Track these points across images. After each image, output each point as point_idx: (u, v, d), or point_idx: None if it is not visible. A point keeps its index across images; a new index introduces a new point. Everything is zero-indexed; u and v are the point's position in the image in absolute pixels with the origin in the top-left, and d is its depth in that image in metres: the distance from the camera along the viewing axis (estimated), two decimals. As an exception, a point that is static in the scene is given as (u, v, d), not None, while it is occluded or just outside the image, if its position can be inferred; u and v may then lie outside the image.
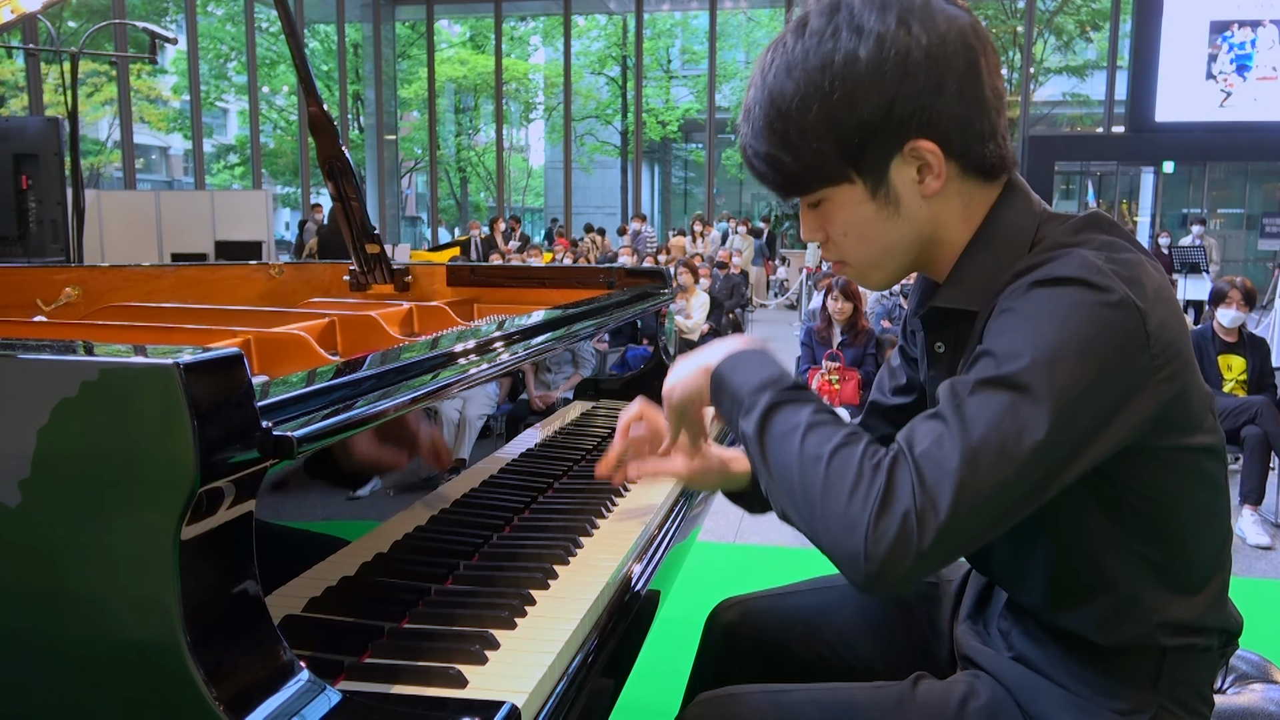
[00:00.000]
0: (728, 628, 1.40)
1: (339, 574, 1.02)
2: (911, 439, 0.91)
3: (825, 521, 0.89)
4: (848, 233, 1.07)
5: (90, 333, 1.67)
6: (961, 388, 0.91)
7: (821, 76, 0.98)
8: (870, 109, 0.97)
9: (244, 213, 12.49)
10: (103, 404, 0.76)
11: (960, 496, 0.86)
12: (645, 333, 2.22)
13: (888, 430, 1.34)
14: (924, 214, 1.04)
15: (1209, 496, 1.04)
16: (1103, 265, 0.93)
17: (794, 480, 0.93)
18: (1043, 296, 0.92)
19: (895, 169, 1.01)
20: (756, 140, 1.04)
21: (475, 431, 1.36)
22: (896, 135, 0.99)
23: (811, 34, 1.00)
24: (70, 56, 5.72)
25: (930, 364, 1.15)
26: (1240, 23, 16.70)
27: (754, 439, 0.98)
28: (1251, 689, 1.23)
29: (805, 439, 0.94)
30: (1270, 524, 4.32)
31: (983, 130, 1.01)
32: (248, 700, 0.77)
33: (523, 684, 0.93)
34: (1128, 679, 1.04)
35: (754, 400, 0.99)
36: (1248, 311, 4.63)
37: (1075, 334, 0.89)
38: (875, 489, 0.87)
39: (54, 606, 0.78)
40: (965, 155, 1.01)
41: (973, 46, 0.99)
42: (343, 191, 2.18)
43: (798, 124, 1.00)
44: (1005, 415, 0.88)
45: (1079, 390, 0.89)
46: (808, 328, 5.29)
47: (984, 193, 1.05)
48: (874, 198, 1.03)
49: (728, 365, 1.06)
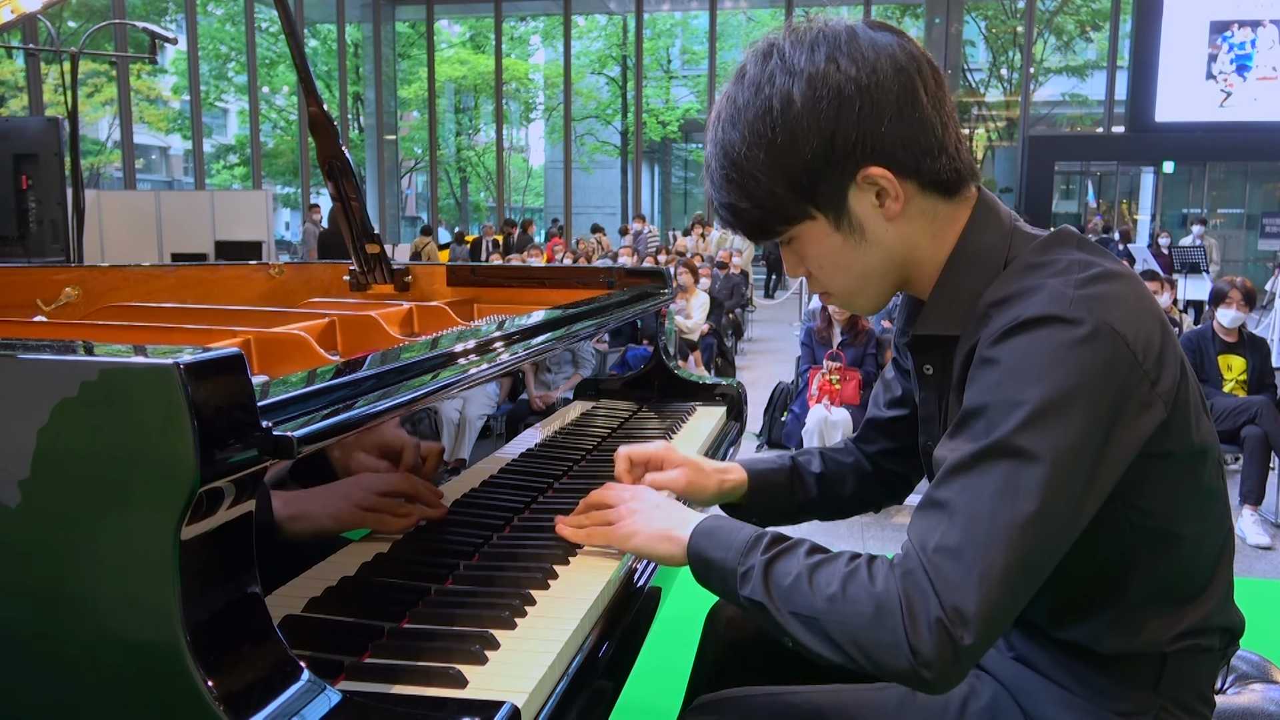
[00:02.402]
0: (728, 627, 1.40)
1: (339, 574, 1.02)
2: (923, 538, 0.92)
3: (869, 653, 0.92)
4: (823, 265, 1.09)
5: (90, 333, 1.67)
6: (958, 467, 0.92)
7: (763, 124, 1.00)
8: (812, 148, 0.99)
9: (244, 213, 12.49)
10: (103, 404, 0.76)
11: (985, 583, 0.88)
12: (645, 333, 2.22)
13: (886, 444, 1.35)
14: (891, 237, 1.05)
15: (1208, 503, 1.04)
16: (1073, 294, 0.93)
17: (820, 625, 0.95)
18: (1019, 345, 0.93)
19: (853, 198, 1.03)
20: (717, 192, 1.07)
21: (475, 431, 1.36)
22: (845, 167, 1.00)
23: (749, 83, 1.02)
24: (70, 56, 5.72)
25: (920, 385, 1.16)
26: (1240, 23, 16.71)
27: (766, 602, 0.99)
28: (1251, 689, 1.23)
29: (813, 583, 0.96)
30: (1270, 524, 4.32)
31: (930, 146, 1.02)
32: (248, 700, 0.77)
33: (523, 684, 0.93)
34: (1129, 680, 1.04)
35: (746, 566, 1.01)
36: (1248, 311, 4.63)
37: (1059, 382, 0.90)
38: (898, 608, 0.90)
39: (54, 606, 0.78)
40: (919, 173, 1.02)
41: (905, 69, 1.00)
42: (343, 191, 2.18)
43: (749, 172, 1.02)
44: (1007, 488, 0.89)
45: (1075, 438, 0.90)
46: (808, 328, 5.29)
47: (950, 209, 1.06)
48: (839, 229, 1.05)
49: (701, 539, 1.08)
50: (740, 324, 10.03)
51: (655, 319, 2.25)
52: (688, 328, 7.48)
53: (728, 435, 2.07)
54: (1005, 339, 0.94)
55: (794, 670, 1.34)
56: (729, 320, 9.21)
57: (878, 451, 1.37)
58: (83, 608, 0.77)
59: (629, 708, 1.45)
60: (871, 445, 1.38)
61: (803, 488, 1.37)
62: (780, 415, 5.40)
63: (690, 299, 7.59)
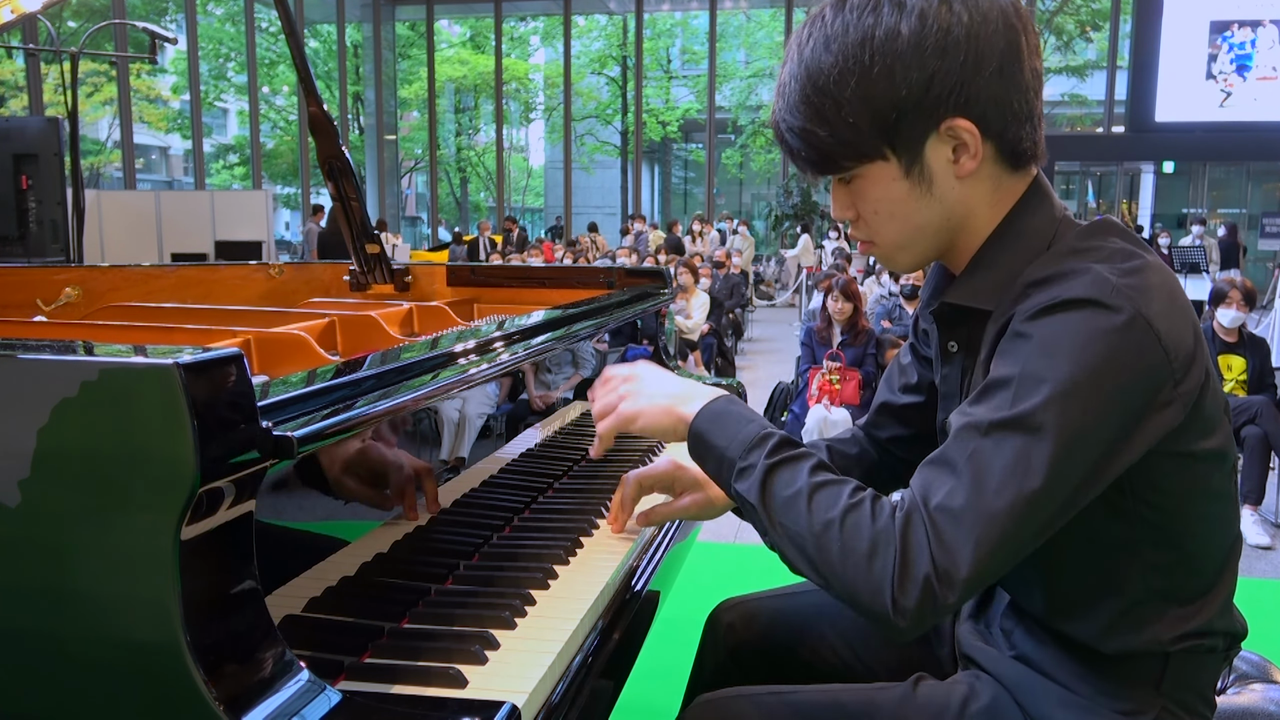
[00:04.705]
0: (728, 628, 1.40)
1: (339, 574, 1.02)
2: (926, 491, 0.92)
3: (848, 585, 0.92)
4: (879, 210, 1.06)
5: (90, 333, 1.67)
6: (973, 429, 0.92)
7: (861, 51, 0.97)
8: (909, 85, 0.96)
9: (244, 213, 12.49)
10: (103, 404, 0.76)
11: (980, 550, 0.88)
12: (645, 333, 2.22)
13: (898, 430, 1.34)
14: (955, 195, 1.03)
15: (1217, 506, 1.04)
16: (1116, 282, 0.92)
17: (807, 544, 0.95)
18: (1055, 323, 0.92)
19: (930, 147, 1.00)
20: (791, 115, 1.03)
21: (475, 431, 1.36)
22: (934, 113, 0.98)
23: (852, 8, 0.99)
24: (70, 56, 5.72)
25: (943, 362, 1.15)
26: (1240, 23, 16.70)
27: (758, 505, 0.99)
28: (1252, 689, 1.23)
29: (812, 502, 0.95)
30: (1270, 524, 4.32)
31: (1019, 111, 1.00)
32: (248, 700, 0.77)
33: (523, 684, 0.93)
34: (1131, 680, 1.04)
35: (747, 462, 1.00)
36: (1248, 311, 4.62)
37: (1087, 365, 0.90)
38: (893, 553, 0.90)
39: (54, 606, 0.78)
40: (1002, 136, 1.01)
41: (1014, 26, 0.98)
42: (343, 191, 2.18)
43: (834, 98, 0.99)
44: (1019, 462, 0.89)
45: (1093, 424, 0.90)
46: (808, 328, 5.29)
47: (1012, 182, 1.05)
48: (907, 176, 1.02)
49: (706, 421, 1.06)
50: (740, 324, 10.03)
51: (655, 319, 2.25)
52: (688, 328, 7.47)
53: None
54: (1042, 316, 0.93)
55: (794, 671, 1.34)
56: (729, 320, 9.20)
57: (889, 438, 1.34)
58: (83, 608, 0.77)
59: (629, 708, 1.45)
60: (883, 431, 1.35)
61: None
62: (780, 415, 5.40)
63: (690, 299, 7.58)
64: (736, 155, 25.74)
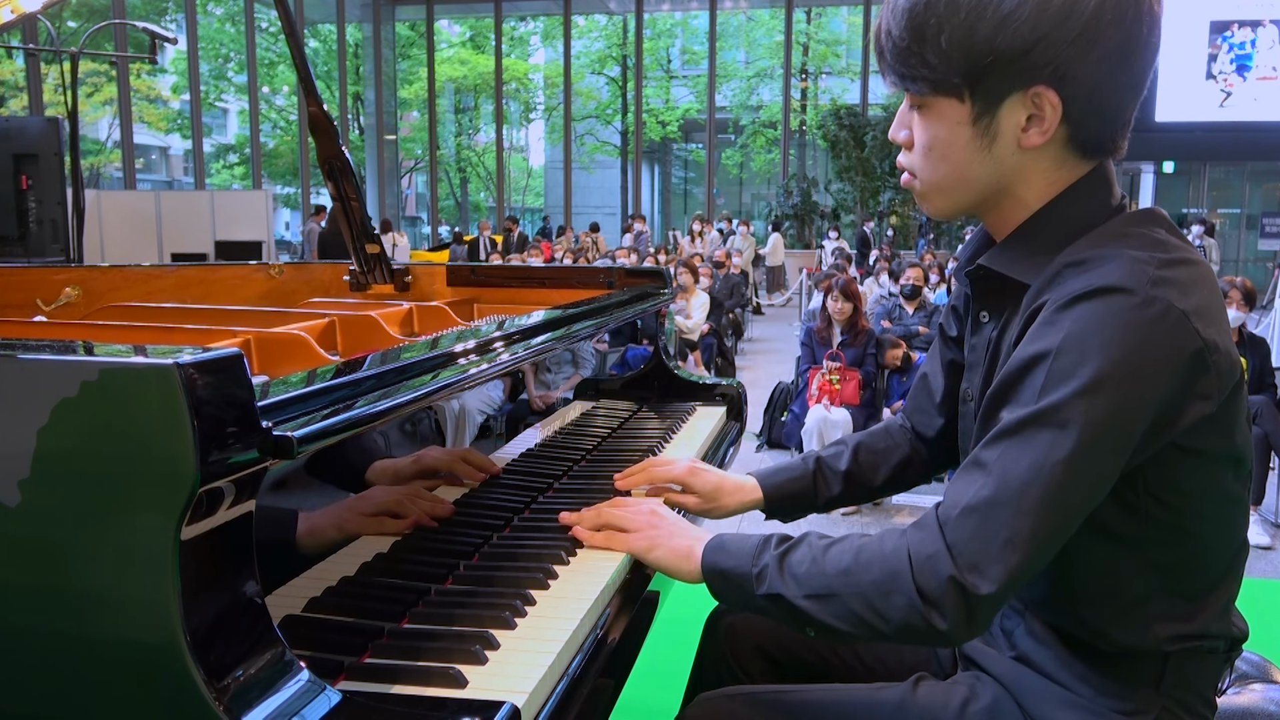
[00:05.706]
0: (728, 628, 1.40)
1: (339, 574, 1.02)
2: (957, 497, 0.94)
3: (886, 615, 0.94)
4: (933, 148, 1.04)
5: (90, 333, 1.67)
6: (1003, 432, 0.93)
7: None
8: (1016, 38, 0.94)
9: (244, 213, 12.49)
10: (103, 404, 0.76)
11: (1010, 542, 0.90)
12: (645, 333, 2.22)
13: (945, 421, 1.29)
14: (1012, 162, 1.02)
15: (1227, 508, 1.04)
16: (1153, 273, 0.92)
17: (838, 603, 0.97)
18: (1086, 313, 0.91)
19: (1008, 106, 0.99)
20: (894, 18, 1.01)
21: (475, 431, 1.36)
22: (1026, 74, 0.96)
23: None
24: (70, 56, 5.72)
25: (973, 330, 1.15)
26: (1240, 23, 16.70)
27: (784, 593, 1.01)
28: (1252, 689, 1.23)
29: (825, 561, 0.99)
30: (1270, 524, 4.32)
31: (1106, 106, 0.98)
32: (248, 700, 0.77)
33: (523, 684, 0.92)
34: (1131, 680, 1.04)
35: (760, 565, 1.03)
36: (1248, 311, 4.63)
37: (1118, 357, 0.89)
38: (907, 566, 0.93)
39: (54, 606, 0.78)
40: (1080, 124, 0.99)
41: (1141, 22, 0.96)
42: (343, 191, 2.18)
43: (940, 18, 0.97)
44: (1050, 454, 0.90)
45: (1121, 416, 0.90)
46: (808, 328, 5.29)
47: (1075, 165, 1.03)
48: (974, 124, 1.00)
49: (714, 555, 1.10)
50: (740, 324, 10.02)
51: (655, 319, 2.25)
52: (688, 328, 7.47)
53: (727, 435, 2.07)
54: (1074, 304, 0.92)
55: (794, 671, 1.34)
56: (729, 320, 9.20)
57: (939, 431, 1.31)
58: (83, 608, 0.77)
59: (629, 708, 1.45)
60: (930, 420, 1.32)
61: (827, 488, 1.36)
62: (780, 415, 5.40)
63: (690, 299, 7.58)
64: (736, 155, 25.75)
